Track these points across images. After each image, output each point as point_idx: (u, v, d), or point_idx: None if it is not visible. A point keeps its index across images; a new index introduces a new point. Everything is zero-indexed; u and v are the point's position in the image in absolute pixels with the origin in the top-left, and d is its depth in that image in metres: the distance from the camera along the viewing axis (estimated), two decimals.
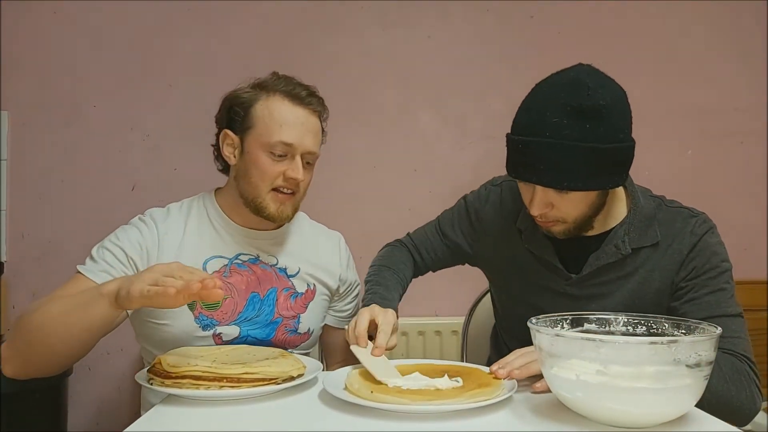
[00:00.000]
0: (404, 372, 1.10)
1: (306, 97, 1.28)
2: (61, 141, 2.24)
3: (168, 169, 2.26)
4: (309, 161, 1.30)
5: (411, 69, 2.34)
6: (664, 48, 2.39)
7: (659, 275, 1.22)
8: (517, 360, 1.07)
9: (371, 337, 1.16)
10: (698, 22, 2.41)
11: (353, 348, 1.13)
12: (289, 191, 1.28)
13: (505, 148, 1.17)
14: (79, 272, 1.22)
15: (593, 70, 1.14)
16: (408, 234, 1.52)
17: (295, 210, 1.33)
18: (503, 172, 1.44)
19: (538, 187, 1.14)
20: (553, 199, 1.15)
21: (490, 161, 2.30)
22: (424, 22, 2.35)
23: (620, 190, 1.25)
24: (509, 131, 1.17)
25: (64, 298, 1.12)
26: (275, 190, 1.27)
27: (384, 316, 1.16)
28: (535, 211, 1.17)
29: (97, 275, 1.20)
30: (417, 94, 2.35)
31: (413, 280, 1.47)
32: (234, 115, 1.29)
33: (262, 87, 1.29)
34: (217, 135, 1.34)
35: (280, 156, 1.25)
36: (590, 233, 1.24)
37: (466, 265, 1.49)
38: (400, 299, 1.37)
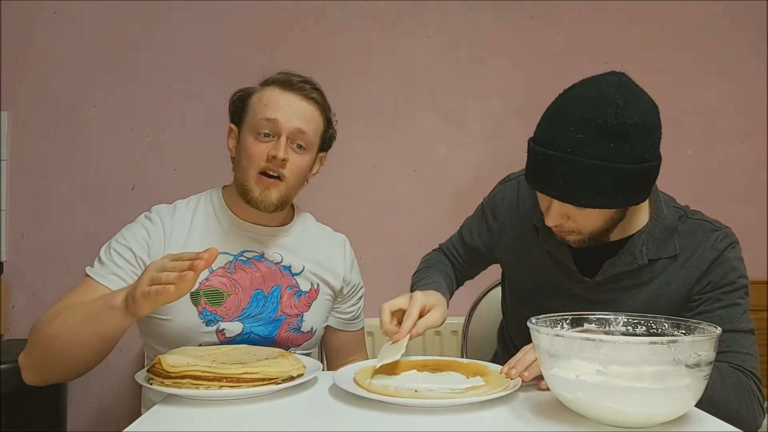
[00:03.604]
0: (404, 368, 1.11)
1: (297, 83, 1.30)
2: (61, 141, 2.24)
3: (168, 169, 2.26)
4: (300, 144, 1.29)
5: (411, 69, 2.35)
6: (664, 48, 2.39)
7: (675, 287, 1.20)
8: (526, 356, 1.06)
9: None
10: (698, 22, 2.40)
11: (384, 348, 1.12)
12: (274, 174, 1.27)
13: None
14: (88, 275, 1.22)
15: (625, 83, 1.07)
16: (439, 245, 1.52)
17: (283, 199, 1.30)
18: (503, 172, 1.45)
19: (555, 200, 1.11)
20: (570, 211, 1.11)
21: (490, 161, 2.32)
22: (424, 21, 2.35)
23: None
24: (531, 136, 1.13)
25: (77, 308, 1.12)
26: (262, 174, 1.27)
27: (409, 299, 1.16)
28: (550, 222, 1.14)
29: (107, 278, 1.21)
30: (417, 94, 2.35)
31: None
32: (235, 108, 1.34)
33: (264, 81, 1.34)
34: None
35: (266, 136, 1.26)
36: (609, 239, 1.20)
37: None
38: (451, 294, 1.36)
